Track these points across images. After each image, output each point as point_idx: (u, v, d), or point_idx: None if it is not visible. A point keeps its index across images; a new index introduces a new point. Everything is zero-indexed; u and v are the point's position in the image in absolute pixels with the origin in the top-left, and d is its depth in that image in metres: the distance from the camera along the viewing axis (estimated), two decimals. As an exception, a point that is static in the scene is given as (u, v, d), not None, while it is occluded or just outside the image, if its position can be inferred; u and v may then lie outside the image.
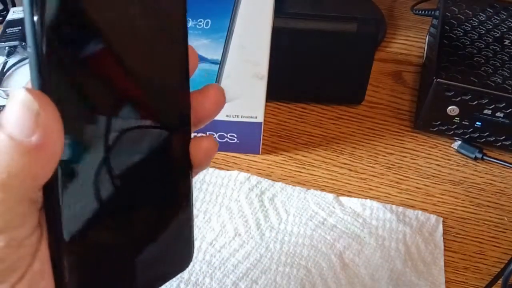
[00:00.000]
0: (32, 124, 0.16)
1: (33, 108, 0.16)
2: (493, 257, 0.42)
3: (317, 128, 0.52)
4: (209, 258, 0.39)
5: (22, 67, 0.53)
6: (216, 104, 0.23)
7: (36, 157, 0.16)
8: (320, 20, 0.48)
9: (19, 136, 0.16)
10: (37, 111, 0.16)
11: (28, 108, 0.16)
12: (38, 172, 0.17)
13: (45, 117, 0.16)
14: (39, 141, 0.16)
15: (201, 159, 0.23)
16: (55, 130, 0.17)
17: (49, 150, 0.17)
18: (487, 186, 0.47)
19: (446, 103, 0.47)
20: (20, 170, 0.16)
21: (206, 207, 0.43)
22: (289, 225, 0.42)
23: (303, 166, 0.48)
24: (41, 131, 0.16)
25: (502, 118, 0.46)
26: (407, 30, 0.64)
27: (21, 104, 0.16)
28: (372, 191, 0.46)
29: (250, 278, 0.38)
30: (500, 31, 0.53)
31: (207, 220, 0.42)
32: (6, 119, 0.16)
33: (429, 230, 0.42)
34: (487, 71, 0.47)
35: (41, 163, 0.17)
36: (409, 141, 0.51)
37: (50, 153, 0.17)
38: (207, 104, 0.23)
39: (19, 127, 0.16)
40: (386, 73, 0.58)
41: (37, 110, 0.16)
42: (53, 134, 0.16)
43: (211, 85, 0.23)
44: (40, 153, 0.16)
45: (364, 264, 0.40)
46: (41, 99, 0.16)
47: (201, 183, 0.44)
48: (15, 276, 0.17)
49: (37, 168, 0.17)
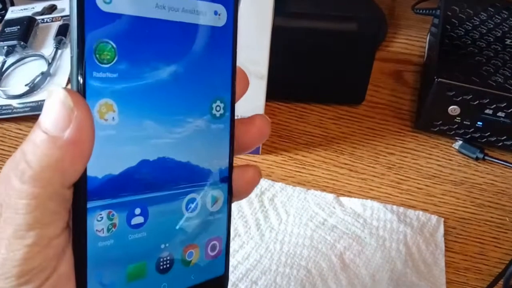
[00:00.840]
0: (65, 120, 0.17)
1: (68, 105, 0.17)
2: (494, 257, 0.41)
3: (317, 128, 0.51)
4: (208, 259, 0.39)
5: (21, 66, 0.53)
6: (260, 134, 0.24)
7: (66, 153, 0.17)
8: (321, 20, 0.48)
9: (52, 130, 0.17)
10: (71, 108, 0.17)
11: (63, 104, 0.17)
12: (67, 168, 0.17)
13: (78, 114, 0.17)
14: (71, 137, 0.17)
15: (243, 189, 0.24)
16: (86, 128, 0.17)
17: (79, 147, 0.17)
18: (488, 187, 0.47)
19: (447, 102, 0.47)
20: (51, 163, 0.17)
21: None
22: (289, 225, 0.42)
23: (303, 166, 0.47)
24: (74, 127, 0.17)
25: (503, 118, 0.46)
26: (408, 29, 0.64)
27: (56, 100, 0.17)
28: (373, 191, 0.46)
29: (250, 278, 0.38)
30: (501, 31, 0.52)
31: (207, 220, 0.42)
32: (43, 115, 0.17)
33: (430, 230, 0.42)
34: (489, 70, 0.47)
35: (71, 159, 0.17)
36: (410, 141, 0.51)
37: (80, 150, 0.17)
38: (253, 132, 0.24)
39: (53, 122, 0.17)
40: (386, 73, 0.58)
41: (72, 106, 0.17)
42: (84, 131, 0.17)
43: (258, 115, 0.24)
44: (70, 149, 0.17)
45: (364, 265, 0.39)
46: (76, 97, 0.17)
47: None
48: (41, 277, 0.17)
49: (67, 163, 0.17)
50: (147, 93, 0.20)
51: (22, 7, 0.60)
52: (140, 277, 0.21)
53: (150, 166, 0.20)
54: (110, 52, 0.18)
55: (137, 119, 0.19)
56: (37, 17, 0.57)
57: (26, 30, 0.54)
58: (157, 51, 0.20)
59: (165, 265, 0.21)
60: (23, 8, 0.60)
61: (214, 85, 0.22)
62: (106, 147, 0.19)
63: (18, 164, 0.17)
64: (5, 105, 0.49)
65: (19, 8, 0.60)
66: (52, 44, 0.54)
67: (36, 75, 0.50)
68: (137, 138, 0.20)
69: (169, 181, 0.21)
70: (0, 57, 0.53)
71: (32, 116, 0.49)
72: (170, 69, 0.20)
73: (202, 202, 0.23)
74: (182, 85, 0.21)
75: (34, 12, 0.59)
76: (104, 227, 0.19)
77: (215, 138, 0.22)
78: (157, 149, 0.20)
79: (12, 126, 0.49)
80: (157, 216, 0.21)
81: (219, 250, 0.24)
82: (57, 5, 0.60)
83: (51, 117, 0.17)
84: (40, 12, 0.59)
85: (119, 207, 0.20)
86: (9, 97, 0.49)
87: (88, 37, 0.18)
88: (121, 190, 0.19)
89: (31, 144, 0.17)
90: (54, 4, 0.61)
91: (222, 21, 0.22)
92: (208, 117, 0.22)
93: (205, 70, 0.22)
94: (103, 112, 0.18)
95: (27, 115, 0.48)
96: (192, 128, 0.21)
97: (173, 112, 0.21)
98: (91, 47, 0.18)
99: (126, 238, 0.20)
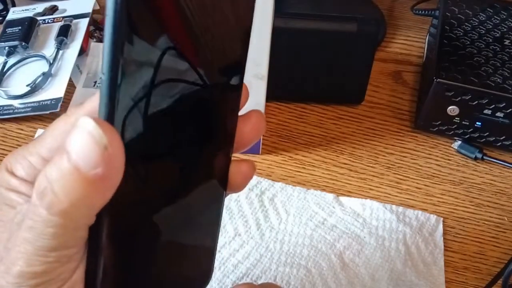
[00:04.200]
0: (98, 158, 0.16)
1: (101, 143, 0.16)
2: (493, 257, 0.42)
3: (317, 128, 0.51)
4: (209, 258, 0.39)
5: (22, 66, 0.53)
6: (256, 130, 0.24)
7: (96, 189, 0.17)
8: (320, 20, 0.48)
9: (84, 168, 0.16)
10: (105, 146, 0.16)
11: (96, 142, 0.16)
12: (95, 202, 0.17)
13: (111, 151, 0.16)
14: (102, 174, 0.16)
15: (238, 182, 0.24)
16: (118, 164, 0.17)
17: (109, 182, 0.17)
18: (487, 186, 0.47)
19: (446, 103, 0.47)
20: (80, 199, 0.17)
21: (206, 207, 0.43)
22: (289, 225, 0.42)
23: (303, 166, 0.48)
24: (105, 165, 0.16)
25: (502, 118, 0.46)
26: (407, 30, 0.64)
27: (89, 136, 0.16)
28: (372, 191, 0.46)
29: (250, 278, 0.38)
30: (500, 31, 0.53)
31: (207, 220, 0.42)
32: (73, 148, 0.16)
33: (429, 230, 0.42)
34: (487, 71, 0.47)
35: (100, 194, 0.17)
36: (409, 141, 0.51)
37: (110, 186, 0.17)
38: (248, 129, 0.24)
39: (85, 159, 0.16)
40: (386, 73, 0.58)
41: (106, 145, 0.16)
42: (115, 168, 0.17)
43: (253, 111, 0.24)
44: (101, 185, 0.17)
45: (364, 264, 0.40)
46: (110, 133, 0.16)
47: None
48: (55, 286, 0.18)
49: (96, 198, 0.17)
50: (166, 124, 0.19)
51: (23, 8, 0.61)
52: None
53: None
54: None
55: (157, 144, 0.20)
56: (38, 18, 0.57)
57: (27, 30, 0.54)
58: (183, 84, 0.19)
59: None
60: (25, 8, 0.60)
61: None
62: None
63: (45, 193, 0.17)
64: (7, 105, 0.49)
65: (21, 9, 0.60)
66: (53, 44, 0.54)
67: (37, 75, 0.50)
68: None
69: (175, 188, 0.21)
70: (1, 58, 0.53)
71: (33, 116, 0.49)
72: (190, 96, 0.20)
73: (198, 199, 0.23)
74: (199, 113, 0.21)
75: (36, 13, 0.59)
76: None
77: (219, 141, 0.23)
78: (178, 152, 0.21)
79: (13, 126, 0.49)
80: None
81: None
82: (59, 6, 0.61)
83: (82, 153, 0.16)
84: (42, 13, 0.59)
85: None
86: (11, 97, 0.50)
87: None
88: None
89: (59, 174, 0.16)
90: (55, 4, 0.61)
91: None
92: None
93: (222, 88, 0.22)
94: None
95: (28, 115, 0.49)
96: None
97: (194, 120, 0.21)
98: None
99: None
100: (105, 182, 0.17)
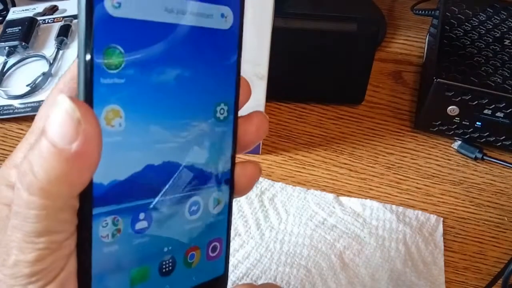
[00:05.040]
0: (73, 133, 0.16)
1: (75, 117, 0.16)
2: (493, 257, 0.42)
3: (317, 128, 0.52)
4: (209, 258, 0.39)
5: (22, 66, 0.53)
6: (259, 131, 0.24)
7: (74, 165, 0.17)
8: (320, 20, 0.48)
9: (60, 143, 0.16)
10: (79, 120, 0.16)
11: (70, 117, 0.16)
12: (75, 180, 0.17)
13: (85, 126, 0.17)
14: (79, 150, 0.17)
15: (245, 185, 0.24)
16: (94, 140, 0.17)
17: (87, 158, 0.17)
18: (487, 186, 0.47)
19: (446, 103, 0.47)
20: (59, 176, 0.17)
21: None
22: (289, 225, 0.42)
23: (303, 166, 0.48)
24: (81, 140, 0.17)
25: (502, 118, 0.46)
26: (407, 30, 0.64)
27: (64, 112, 0.16)
28: (372, 191, 0.46)
29: (250, 278, 0.38)
30: (500, 31, 0.53)
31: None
32: (49, 126, 0.17)
33: (429, 230, 0.42)
34: (487, 71, 0.47)
35: (78, 171, 0.17)
36: (409, 141, 0.51)
37: (88, 162, 0.17)
38: (251, 130, 0.24)
39: (60, 134, 0.16)
40: (386, 73, 0.58)
41: (79, 119, 0.16)
42: (92, 143, 0.17)
43: (256, 112, 0.24)
44: (78, 161, 0.17)
45: (364, 264, 0.40)
46: (83, 109, 0.17)
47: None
48: (50, 276, 0.18)
49: (74, 176, 0.17)
50: (154, 98, 0.19)
51: (23, 8, 0.61)
52: (143, 281, 0.21)
53: (155, 171, 0.20)
54: (118, 57, 0.18)
55: (143, 124, 0.19)
56: (38, 18, 0.57)
57: (27, 30, 0.54)
58: (164, 55, 0.19)
59: (167, 268, 0.22)
60: (25, 8, 0.60)
61: (219, 87, 0.22)
62: (112, 154, 0.18)
63: (25, 175, 0.17)
64: (7, 105, 0.49)
65: (21, 9, 0.60)
66: (53, 44, 0.54)
67: (37, 75, 0.51)
68: (142, 144, 0.19)
69: (173, 185, 0.21)
70: (1, 58, 0.53)
71: (33, 116, 0.49)
72: (176, 73, 0.20)
73: (205, 205, 0.23)
74: (188, 88, 0.21)
75: (36, 13, 0.59)
76: (109, 233, 0.19)
77: (218, 140, 0.22)
78: (162, 153, 0.20)
79: (13, 126, 0.50)
80: (161, 220, 0.21)
81: (220, 251, 0.24)
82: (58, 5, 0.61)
83: (58, 129, 0.17)
84: (42, 13, 0.59)
85: (124, 213, 0.19)
86: (11, 97, 0.50)
87: (97, 43, 0.17)
88: (126, 196, 0.19)
89: (38, 154, 0.17)
90: (55, 4, 0.61)
91: (229, 24, 0.22)
92: (212, 120, 0.22)
93: (211, 73, 0.21)
94: (110, 119, 0.18)
95: (29, 115, 0.49)
96: (196, 131, 0.21)
97: (178, 116, 0.21)
98: (99, 53, 0.17)
99: (130, 243, 0.20)
100: (83, 159, 0.17)
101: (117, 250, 0.19)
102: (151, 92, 0.19)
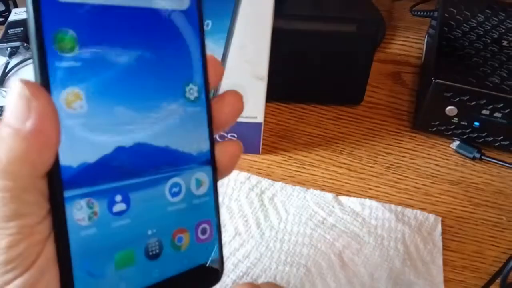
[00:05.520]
0: (24, 110, 0.17)
1: (25, 96, 0.17)
2: (491, 256, 0.42)
3: (316, 128, 0.52)
4: (209, 257, 0.40)
5: (24, 67, 0.53)
6: (234, 110, 0.24)
7: (32, 143, 0.17)
8: (320, 21, 0.49)
9: (14, 123, 0.17)
10: (29, 97, 0.17)
11: (20, 96, 0.17)
12: (35, 158, 0.17)
13: (37, 104, 0.17)
14: (34, 127, 0.17)
15: (226, 163, 0.24)
16: (48, 116, 0.17)
17: (43, 136, 0.17)
18: (485, 186, 0.47)
19: (444, 103, 0.47)
20: (18, 156, 0.17)
21: (207, 206, 0.43)
22: (289, 224, 0.42)
23: (303, 166, 0.48)
24: (35, 117, 0.17)
25: (500, 119, 0.47)
26: (406, 31, 0.65)
27: (15, 93, 0.17)
28: (371, 190, 0.46)
29: (251, 277, 0.39)
30: (498, 32, 0.53)
31: (208, 219, 0.42)
32: (5, 111, 0.17)
33: (428, 229, 0.43)
34: (486, 71, 0.47)
35: (37, 149, 0.17)
36: (408, 141, 0.51)
37: (46, 139, 0.17)
38: (225, 110, 0.24)
39: (14, 114, 0.17)
40: (385, 74, 0.59)
41: (29, 96, 0.17)
42: (46, 120, 0.17)
43: (229, 91, 0.24)
44: (35, 139, 0.17)
45: (363, 263, 0.40)
46: (33, 87, 0.17)
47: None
48: (27, 262, 0.18)
49: (34, 154, 0.17)
50: (115, 80, 0.20)
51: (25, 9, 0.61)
52: (130, 264, 0.21)
53: (127, 153, 0.20)
54: (70, 41, 0.18)
55: (107, 106, 0.19)
56: (39, 19, 0.58)
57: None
58: (121, 38, 0.20)
59: (154, 251, 0.21)
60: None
61: (185, 68, 0.22)
62: (77, 136, 0.19)
63: None
64: (8, 106, 0.50)
65: (23, 10, 0.61)
66: (54, 45, 0.54)
67: (39, 76, 0.51)
68: (109, 125, 0.20)
69: (149, 167, 0.21)
70: (3, 58, 0.53)
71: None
72: (136, 55, 0.20)
73: (186, 186, 0.23)
74: (152, 70, 0.21)
75: (37, 14, 0.59)
76: (85, 215, 0.19)
77: (192, 121, 0.22)
78: (132, 135, 0.20)
79: (15, 127, 0.50)
80: (140, 202, 0.21)
81: (210, 233, 0.24)
82: (59, 7, 0.61)
83: (12, 109, 0.17)
84: (43, 14, 0.60)
85: (99, 195, 0.20)
86: (12, 98, 0.50)
87: (45, 27, 0.17)
88: (99, 178, 0.19)
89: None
90: (56, 6, 0.61)
91: (186, 4, 0.22)
92: (183, 101, 0.22)
93: (174, 54, 0.21)
94: (70, 101, 0.18)
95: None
96: (167, 112, 0.21)
97: (144, 97, 0.21)
98: (49, 37, 0.18)
99: (109, 226, 0.20)
100: (40, 137, 0.17)
101: (96, 233, 0.19)
102: (112, 74, 0.19)
